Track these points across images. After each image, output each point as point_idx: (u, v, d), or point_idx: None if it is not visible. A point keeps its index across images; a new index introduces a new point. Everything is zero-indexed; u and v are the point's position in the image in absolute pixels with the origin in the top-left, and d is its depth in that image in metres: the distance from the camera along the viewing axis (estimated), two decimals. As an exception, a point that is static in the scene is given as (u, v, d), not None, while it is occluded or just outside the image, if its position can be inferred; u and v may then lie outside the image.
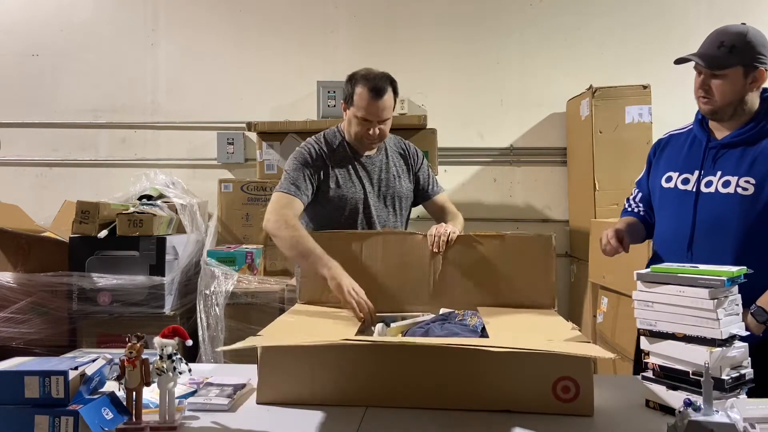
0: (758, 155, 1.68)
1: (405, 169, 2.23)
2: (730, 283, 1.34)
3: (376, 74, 2.07)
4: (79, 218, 2.97)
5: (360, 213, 2.11)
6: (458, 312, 1.74)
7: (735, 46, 1.67)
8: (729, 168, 1.71)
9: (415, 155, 2.27)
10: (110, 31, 3.77)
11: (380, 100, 2.03)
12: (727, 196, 1.68)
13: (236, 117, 3.65)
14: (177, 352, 1.32)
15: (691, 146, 1.82)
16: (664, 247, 1.80)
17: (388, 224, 2.15)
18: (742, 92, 1.70)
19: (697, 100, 1.77)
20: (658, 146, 1.95)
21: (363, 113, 2.04)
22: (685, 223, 1.73)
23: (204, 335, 2.96)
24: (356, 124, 2.07)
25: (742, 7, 3.53)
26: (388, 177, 2.17)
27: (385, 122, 2.08)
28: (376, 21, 3.66)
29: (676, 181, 1.79)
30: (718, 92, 1.71)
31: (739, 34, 1.69)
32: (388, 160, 2.19)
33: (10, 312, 2.88)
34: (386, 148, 2.21)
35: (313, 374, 1.45)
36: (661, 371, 1.40)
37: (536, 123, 3.61)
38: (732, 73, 1.68)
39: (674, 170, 1.82)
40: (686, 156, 1.81)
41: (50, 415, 1.18)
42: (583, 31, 3.57)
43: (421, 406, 1.40)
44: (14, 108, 3.77)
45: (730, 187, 1.68)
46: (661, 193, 1.84)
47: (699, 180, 1.74)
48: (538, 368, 1.38)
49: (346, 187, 2.10)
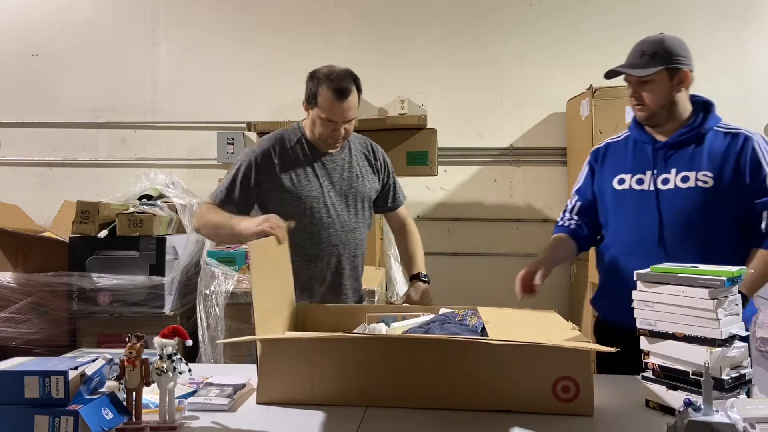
0: (709, 151, 1.80)
1: (369, 170, 2.16)
2: (730, 283, 1.34)
3: (340, 73, 1.99)
4: (79, 218, 2.97)
5: (318, 212, 2.02)
6: (458, 312, 1.74)
7: (656, 52, 1.80)
8: (684, 164, 1.81)
9: (382, 161, 2.20)
10: (110, 31, 3.77)
11: (345, 101, 1.95)
12: (688, 190, 1.78)
13: (236, 117, 3.65)
14: (177, 352, 1.32)
15: (636, 149, 1.91)
16: (628, 247, 1.82)
17: (348, 224, 2.07)
18: (670, 94, 1.82)
19: (633, 108, 1.89)
20: (597, 154, 2.02)
21: (327, 114, 1.96)
22: (650, 221, 1.80)
23: (204, 335, 2.96)
24: (320, 125, 1.99)
25: (742, 7, 3.53)
26: (351, 176, 2.09)
27: (350, 122, 2.01)
28: (376, 21, 3.66)
29: (630, 182, 1.87)
30: (648, 98, 1.82)
31: (657, 42, 1.82)
32: (351, 159, 2.12)
33: (10, 312, 2.88)
34: (350, 146, 2.14)
35: (312, 374, 1.45)
36: (661, 371, 1.40)
37: (536, 123, 3.61)
38: (657, 77, 1.80)
39: (625, 172, 1.90)
40: (634, 158, 1.90)
41: (50, 415, 1.18)
42: (583, 31, 3.57)
43: (421, 406, 1.40)
44: (14, 108, 3.77)
45: (690, 181, 1.78)
46: (615, 195, 1.90)
47: (654, 179, 1.83)
48: (538, 368, 1.38)
49: (302, 186, 2.02)
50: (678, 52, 1.81)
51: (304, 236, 2.01)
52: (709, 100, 1.91)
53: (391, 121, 3.25)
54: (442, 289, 3.49)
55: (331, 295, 2.06)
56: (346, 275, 2.09)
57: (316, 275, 2.04)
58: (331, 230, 2.04)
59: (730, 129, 1.86)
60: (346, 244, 2.07)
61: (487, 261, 3.54)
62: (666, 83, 1.81)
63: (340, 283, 2.08)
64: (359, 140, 2.20)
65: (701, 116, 1.86)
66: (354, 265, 2.12)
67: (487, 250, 3.52)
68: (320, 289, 2.05)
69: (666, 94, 1.82)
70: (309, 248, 2.03)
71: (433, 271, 3.52)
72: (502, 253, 3.59)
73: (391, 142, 3.06)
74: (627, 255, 1.80)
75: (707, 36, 3.53)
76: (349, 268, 2.09)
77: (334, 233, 2.05)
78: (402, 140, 3.11)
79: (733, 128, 1.86)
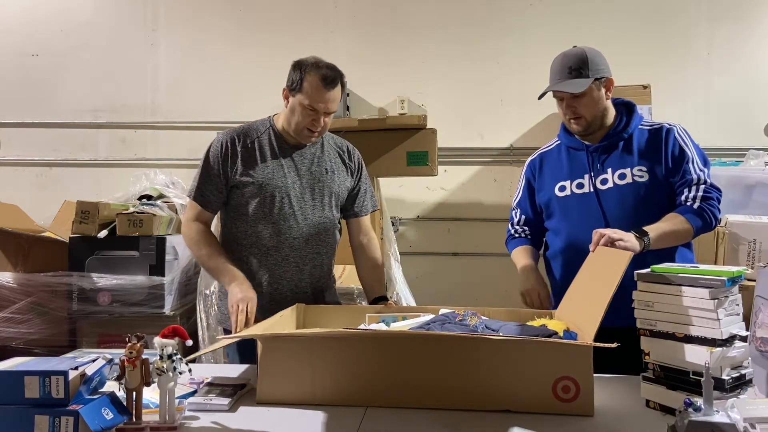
0: (638, 148, 1.94)
1: (342, 167, 2.12)
2: (730, 283, 1.35)
3: (328, 64, 2.00)
4: (79, 218, 2.97)
5: (278, 202, 1.99)
6: (458, 312, 1.74)
7: (581, 66, 1.91)
8: (618, 163, 1.93)
9: (357, 163, 2.16)
10: (110, 31, 3.76)
11: (331, 90, 1.94)
12: (627, 186, 1.90)
13: (236, 117, 3.63)
14: (177, 352, 1.32)
15: (570, 155, 2.03)
16: (581, 249, 1.80)
17: (312, 218, 2.02)
18: (602, 102, 1.95)
19: (568, 123, 2.00)
20: (533, 166, 2.14)
21: (311, 101, 1.93)
22: (595, 220, 1.89)
23: (204, 335, 2.96)
24: (300, 113, 1.95)
25: (742, 7, 3.53)
26: (320, 170, 2.05)
27: (329, 115, 1.99)
28: (376, 21, 3.66)
29: (571, 188, 1.98)
30: (584, 110, 1.93)
31: (579, 56, 1.93)
32: (322, 154, 2.08)
33: (10, 312, 2.88)
34: (323, 142, 2.11)
35: (313, 374, 1.45)
36: (661, 371, 1.40)
37: (536, 123, 3.61)
38: (589, 89, 1.90)
39: (564, 179, 2.00)
40: (570, 165, 2.01)
41: (50, 415, 1.18)
42: (583, 31, 3.56)
43: (421, 406, 1.41)
44: (14, 108, 3.77)
45: (627, 178, 1.91)
46: (558, 202, 2.00)
47: (593, 181, 1.94)
48: (538, 368, 1.38)
49: (263, 175, 1.99)
50: (600, 62, 1.93)
51: (261, 227, 1.99)
52: (630, 101, 2.04)
53: (391, 121, 3.24)
54: (442, 289, 3.51)
55: (286, 290, 2.00)
56: (308, 270, 2.03)
57: (276, 267, 2.00)
58: (292, 222, 2.00)
59: (653, 125, 1.99)
60: (308, 238, 2.02)
61: (487, 261, 3.53)
62: (596, 93, 1.93)
63: (302, 278, 2.02)
64: (335, 139, 2.17)
65: (625, 118, 1.99)
66: (318, 262, 2.05)
67: (487, 250, 3.51)
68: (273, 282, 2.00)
69: (598, 102, 1.94)
70: (268, 239, 1.99)
71: (433, 271, 3.55)
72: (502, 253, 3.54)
73: (391, 142, 3.05)
74: (581, 257, 1.78)
75: (707, 36, 3.53)
76: (311, 263, 2.03)
77: (295, 225, 2.00)
78: (402, 140, 3.10)
79: (655, 124, 1.99)
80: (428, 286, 3.47)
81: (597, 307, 1.40)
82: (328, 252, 2.09)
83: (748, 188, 2.73)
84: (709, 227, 1.86)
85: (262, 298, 1.90)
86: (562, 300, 1.76)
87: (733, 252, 2.61)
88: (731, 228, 2.63)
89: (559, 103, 1.98)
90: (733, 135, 3.42)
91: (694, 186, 1.86)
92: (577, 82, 1.90)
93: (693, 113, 3.49)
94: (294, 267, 2.01)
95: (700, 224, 1.82)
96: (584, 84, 1.89)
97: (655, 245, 1.74)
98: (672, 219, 1.82)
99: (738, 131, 3.43)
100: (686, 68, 3.52)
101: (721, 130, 3.46)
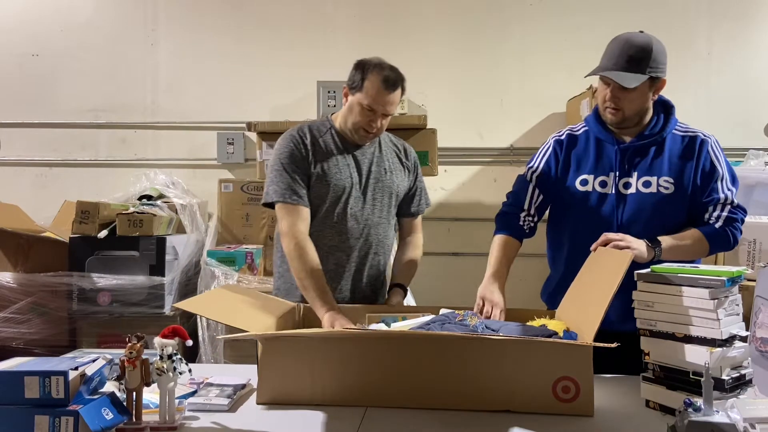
0: (669, 156, 1.83)
1: (399, 167, 2.13)
2: (730, 283, 1.35)
3: (391, 66, 2.00)
4: (79, 218, 2.97)
5: (342, 202, 2.00)
6: (458, 312, 1.74)
7: (642, 59, 1.75)
8: (645, 169, 1.83)
9: (413, 162, 2.18)
10: (110, 31, 3.76)
11: (392, 92, 1.94)
12: (650, 196, 1.81)
13: (236, 117, 3.64)
14: (177, 352, 1.32)
15: (598, 148, 1.89)
16: (584, 248, 1.76)
17: (371, 219, 2.03)
18: (647, 102, 1.83)
19: (604, 111, 1.85)
20: (560, 143, 1.96)
21: (370, 101, 1.93)
22: (606, 223, 1.81)
23: (204, 335, 2.96)
24: (358, 113, 1.96)
25: (742, 7, 3.53)
26: (379, 170, 2.06)
27: (387, 117, 2.00)
28: (376, 21, 3.66)
29: (593, 184, 1.86)
30: (627, 105, 1.80)
31: (644, 47, 1.76)
32: (381, 154, 2.10)
33: (10, 312, 2.88)
34: (380, 142, 2.12)
35: (313, 374, 1.45)
36: (661, 371, 1.40)
37: (536, 123, 3.61)
38: (641, 86, 1.76)
39: (588, 173, 1.88)
40: (596, 158, 1.88)
41: (50, 416, 1.18)
42: (583, 31, 3.56)
43: (421, 406, 1.41)
44: (14, 108, 3.76)
45: (651, 186, 1.81)
46: (577, 195, 1.88)
47: (616, 182, 1.84)
48: (538, 368, 1.38)
49: (332, 173, 1.99)
50: (662, 60, 1.80)
51: (325, 225, 2.00)
52: (669, 101, 1.93)
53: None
54: (442, 289, 3.50)
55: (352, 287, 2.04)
56: (366, 270, 2.06)
57: (337, 267, 2.02)
58: (352, 222, 2.01)
59: (687, 131, 1.88)
60: (367, 238, 2.03)
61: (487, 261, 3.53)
62: (646, 92, 1.80)
63: (360, 278, 2.05)
64: (391, 138, 2.19)
65: (662, 118, 1.88)
66: (375, 262, 2.08)
67: (487, 250, 3.49)
68: (342, 280, 2.02)
69: (644, 102, 1.82)
70: (330, 238, 2.01)
71: (433, 271, 3.54)
72: (502, 253, 3.59)
73: (391, 142, 3.05)
74: (583, 255, 1.76)
75: (707, 36, 3.53)
76: (369, 263, 2.06)
77: (355, 226, 2.01)
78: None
79: (690, 131, 1.88)
80: (428, 286, 3.47)
81: (597, 307, 1.40)
82: (385, 252, 2.12)
83: (748, 188, 2.73)
84: (728, 248, 1.81)
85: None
86: (563, 300, 1.75)
87: (733, 252, 2.61)
88: (731, 228, 2.63)
89: (601, 86, 1.84)
90: (733, 135, 3.42)
91: (719, 205, 1.78)
92: (632, 76, 1.74)
93: (693, 113, 3.48)
94: (354, 267, 2.03)
95: (719, 243, 1.78)
96: (638, 80, 1.74)
97: (666, 257, 1.69)
98: (691, 236, 1.76)
99: (738, 131, 3.42)
100: (686, 68, 3.52)
101: (721, 130, 3.44)
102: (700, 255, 1.80)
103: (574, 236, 1.90)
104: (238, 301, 1.73)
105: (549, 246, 2.04)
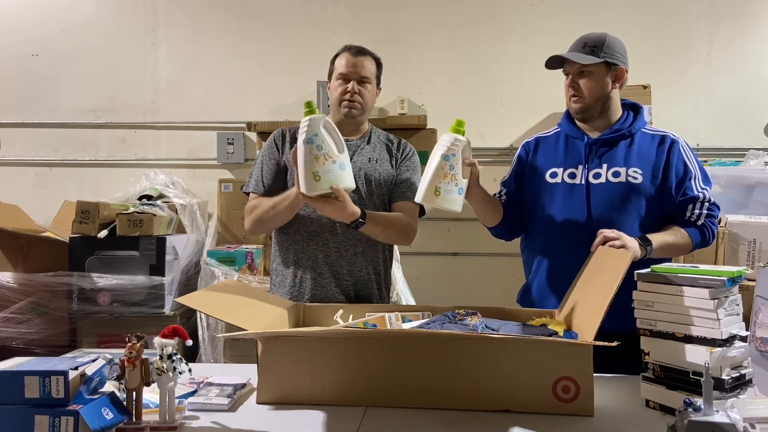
0: (638, 150, 1.91)
1: (387, 159, 2.13)
2: (730, 283, 1.35)
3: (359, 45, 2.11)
4: (79, 218, 2.97)
5: None
6: (458, 312, 1.74)
7: (596, 45, 1.89)
8: (615, 160, 1.90)
9: (404, 152, 2.16)
10: (110, 31, 3.76)
11: (359, 56, 2.04)
12: (619, 185, 1.88)
13: (236, 117, 3.64)
14: (177, 352, 1.33)
15: (568, 144, 1.99)
16: (555, 240, 1.91)
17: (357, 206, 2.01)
18: (607, 89, 1.91)
19: (568, 100, 1.97)
20: (527, 148, 2.09)
21: (341, 69, 2.04)
22: (579, 214, 1.88)
23: (204, 335, 2.97)
24: (335, 88, 2.05)
25: (742, 7, 3.53)
26: (363, 159, 2.07)
27: (363, 83, 2.04)
28: (376, 21, 3.66)
29: (563, 176, 1.94)
30: (586, 89, 1.90)
31: (599, 37, 1.91)
32: (368, 145, 2.12)
33: (10, 312, 2.88)
34: (370, 137, 2.14)
35: (312, 374, 1.45)
36: (661, 371, 1.40)
37: (536, 123, 3.61)
38: (596, 69, 1.88)
39: (557, 166, 1.97)
40: (565, 153, 1.98)
41: (50, 415, 1.18)
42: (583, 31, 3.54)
43: (421, 406, 1.41)
44: (14, 108, 3.77)
45: (621, 176, 1.88)
46: (547, 188, 1.96)
47: (586, 174, 1.91)
48: (538, 368, 1.38)
49: None
50: (618, 50, 1.91)
51: (305, 212, 2.02)
52: (637, 103, 2.02)
53: (391, 121, 3.25)
54: (442, 289, 3.51)
55: (329, 276, 2.03)
56: (346, 259, 2.04)
57: (314, 254, 2.03)
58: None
59: (657, 132, 1.96)
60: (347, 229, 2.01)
61: (487, 261, 3.53)
62: (603, 77, 1.90)
63: (340, 266, 2.04)
64: (388, 135, 2.21)
65: (631, 116, 1.97)
66: (357, 251, 2.06)
67: (487, 250, 3.51)
68: (318, 268, 2.03)
69: (602, 88, 1.91)
70: (309, 224, 2.03)
71: (433, 271, 3.55)
72: (502, 253, 3.57)
73: (391, 142, 3.05)
74: (558, 247, 1.85)
75: (707, 36, 3.53)
76: (351, 252, 2.05)
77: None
78: (402, 140, 3.10)
79: (659, 131, 1.96)
80: (428, 286, 3.48)
81: (597, 307, 1.40)
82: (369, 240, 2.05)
83: (748, 188, 2.73)
84: (707, 244, 1.90)
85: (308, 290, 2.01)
86: (563, 300, 1.76)
87: (733, 252, 2.62)
88: (731, 228, 2.63)
89: (565, 83, 1.96)
90: (733, 135, 3.43)
91: (699, 203, 1.86)
92: (586, 57, 1.88)
93: (693, 113, 3.49)
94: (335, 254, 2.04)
95: (700, 240, 1.86)
96: (591, 60, 1.86)
97: (655, 255, 1.76)
98: (675, 232, 1.84)
99: (738, 131, 3.43)
100: (686, 68, 3.52)
101: (721, 130, 3.47)
102: (684, 251, 1.89)
103: (547, 229, 1.95)
104: (238, 298, 1.73)
105: (523, 251, 2.09)
